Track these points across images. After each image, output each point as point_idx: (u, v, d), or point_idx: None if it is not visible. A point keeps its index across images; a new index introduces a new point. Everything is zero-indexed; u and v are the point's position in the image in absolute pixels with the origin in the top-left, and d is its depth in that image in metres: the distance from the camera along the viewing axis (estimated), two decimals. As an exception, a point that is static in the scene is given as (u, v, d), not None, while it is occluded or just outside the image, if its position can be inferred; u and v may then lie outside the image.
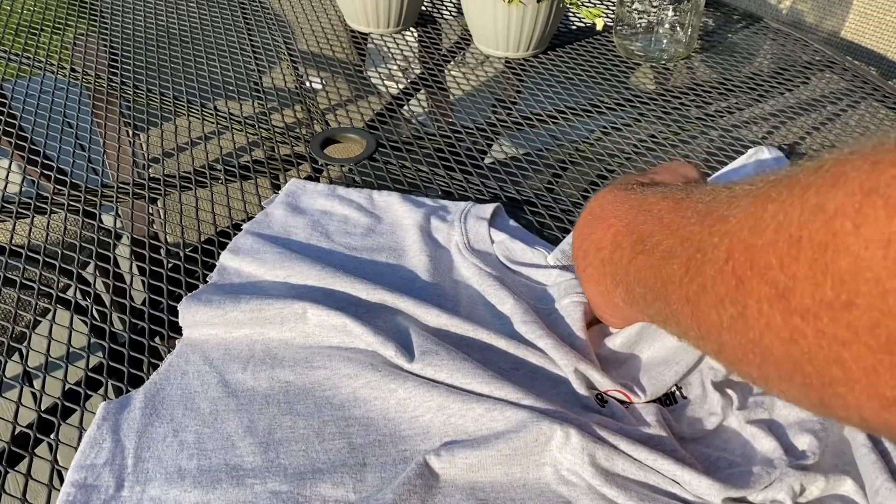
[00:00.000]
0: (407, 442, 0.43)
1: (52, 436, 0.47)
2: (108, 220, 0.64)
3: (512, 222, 0.60)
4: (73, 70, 0.85)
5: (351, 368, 0.46)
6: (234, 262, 0.55)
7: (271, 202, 0.62)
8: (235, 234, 0.60)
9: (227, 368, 0.48)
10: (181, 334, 0.50)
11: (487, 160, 0.68)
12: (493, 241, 0.57)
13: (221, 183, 0.67)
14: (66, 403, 0.48)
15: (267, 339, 0.49)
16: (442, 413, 0.43)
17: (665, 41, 0.86)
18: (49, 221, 0.65)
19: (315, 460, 0.42)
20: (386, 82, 0.88)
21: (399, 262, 0.56)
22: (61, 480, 0.42)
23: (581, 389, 0.45)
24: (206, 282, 0.54)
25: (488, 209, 0.60)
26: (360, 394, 0.45)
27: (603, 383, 0.45)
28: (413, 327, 0.48)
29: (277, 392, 0.46)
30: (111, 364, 0.50)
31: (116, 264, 0.60)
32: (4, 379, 0.50)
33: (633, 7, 0.85)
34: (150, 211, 0.67)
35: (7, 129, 0.76)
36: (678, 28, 0.86)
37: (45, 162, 0.71)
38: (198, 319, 0.50)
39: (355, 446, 0.43)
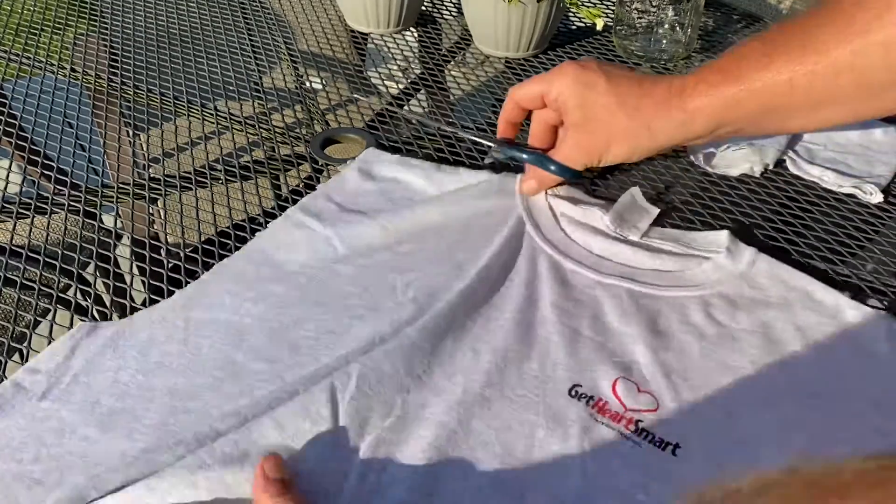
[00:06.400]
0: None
1: (52, 436, 0.47)
2: (108, 220, 0.64)
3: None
4: (73, 70, 0.85)
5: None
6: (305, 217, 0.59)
7: (347, 166, 0.66)
8: (235, 235, 0.60)
9: (198, 332, 0.49)
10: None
11: (487, 160, 0.68)
12: (552, 208, 0.61)
13: (221, 183, 0.67)
14: (66, 403, 0.48)
15: (252, 321, 0.50)
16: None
17: (665, 41, 0.86)
18: (49, 221, 0.65)
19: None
20: (386, 82, 0.88)
21: (441, 232, 0.58)
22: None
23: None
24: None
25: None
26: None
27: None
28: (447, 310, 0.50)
29: (223, 365, 0.47)
30: (111, 364, 0.50)
31: (116, 264, 0.60)
32: (5, 379, 0.50)
33: (633, 7, 0.85)
34: (150, 211, 0.67)
35: (7, 129, 0.76)
36: (678, 28, 0.86)
37: (45, 162, 0.71)
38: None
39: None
